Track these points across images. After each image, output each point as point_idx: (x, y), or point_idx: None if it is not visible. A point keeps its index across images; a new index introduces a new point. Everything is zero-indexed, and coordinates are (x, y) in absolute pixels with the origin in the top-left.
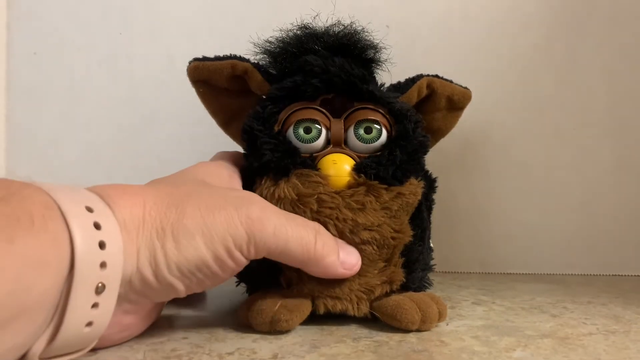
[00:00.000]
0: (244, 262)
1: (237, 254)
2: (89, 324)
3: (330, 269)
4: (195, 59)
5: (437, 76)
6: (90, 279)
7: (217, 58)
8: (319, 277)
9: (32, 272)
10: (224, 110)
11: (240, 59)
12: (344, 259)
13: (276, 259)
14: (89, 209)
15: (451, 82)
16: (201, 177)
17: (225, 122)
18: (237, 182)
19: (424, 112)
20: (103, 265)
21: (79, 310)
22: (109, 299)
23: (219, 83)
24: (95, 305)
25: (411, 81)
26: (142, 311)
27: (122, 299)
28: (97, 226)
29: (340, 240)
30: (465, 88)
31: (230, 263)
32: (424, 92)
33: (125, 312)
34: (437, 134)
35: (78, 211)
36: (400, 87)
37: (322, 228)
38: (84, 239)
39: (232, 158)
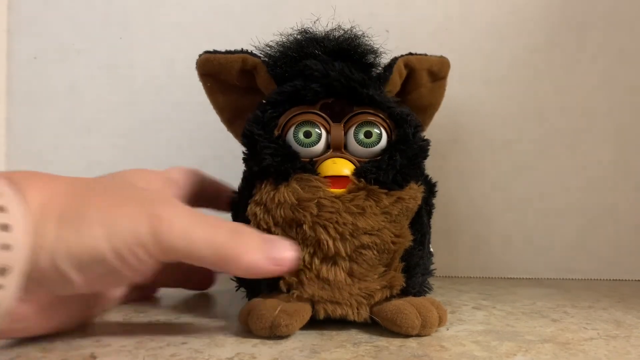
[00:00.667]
0: (149, 262)
1: (140, 253)
2: None
3: (252, 269)
4: (207, 52)
5: (410, 53)
6: None
7: (228, 52)
8: (319, 282)
9: None
10: (230, 107)
11: (251, 54)
12: (272, 254)
13: (188, 261)
14: None
15: (425, 55)
16: (129, 179)
17: (230, 119)
18: (168, 192)
19: (409, 91)
20: (7, 247)
21: None
22: (12, 281)
23: (227, 78)
24: None
25: (389, 67)
26: (38, 302)
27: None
28: (2, 209)
29: (275, 237)
30: (441, 57)
31: (132, 261)
32: (404, 72)
33: (20, 300)
34: (429, 109)
35: None
36: (382, 77)
37: (245, 227)
38: None
39: (184, 172)
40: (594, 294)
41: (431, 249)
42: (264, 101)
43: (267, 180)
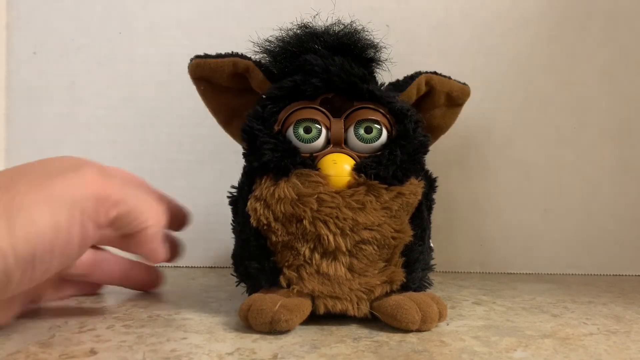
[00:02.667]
0: (93, 230)
1: (86, 220)
2: None
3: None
4: (197, 56)
5: (435, 73)
6: None
7: (219, 55)
8: (319, 278)
9: None
10: (225, 108)
11: (242, 56)
12: None
13: (122, 228)
14: None
15: (449, 78)
16: (45, 160)
17: (226, 120)
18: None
19: (423, 109)
20: None
21: None
22: None
23: (220, 81)
24: None
25: (410, 79)
26: None
27: None
28: None
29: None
30: (464, 84)
31: (77, 230)
32: (423, 89)
33: None
34: (437, 131)
35: None
36: (399, 85)
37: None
38: None
39: (124, 173)
40: (594, 289)
41: (431, 244)
42: (263, 96)
43: (267, 175)
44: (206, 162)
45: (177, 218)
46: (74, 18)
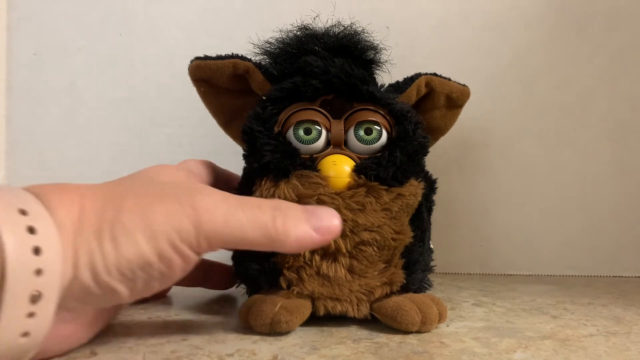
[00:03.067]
0: (194, 257)
1: (185, 249)
2: (25, 334)
3: (303, 243)
4: (197, 58)
5: (435, 74)
6: (24, 288)
7: (219, 57)
8: (319, 279)
9: None
10: (225, 110)
11: (242, 58)
12: (318, 224)
13: (237, 247)
14: (23, 212)
15: (449, 79)
16: (154, 176)
17: (226, 122)
18: (194, 181)
19: (423, 110)
20: (39, 272)
21: (13, 320)
22: (46, 307)
23: (220, 82)
24: (31, 315)
25: (410, 80)
26: (83, 319)
27: (60, 307)
28: (31, 230)
29: (310, 207)
30: (464, 85)
31: (177, 260)
32: (423, 90)
33: (63, 321)
34: (437, 132)
35: (9, 215)
36: (399, 87)
37: (282, 202)
38: (16, 245)
39: (200, 163)
40: (594, 290)
41: (431, 246)
42: (263, 97)
43: (267, 176)
44: None
45: None
46: (74, 19)
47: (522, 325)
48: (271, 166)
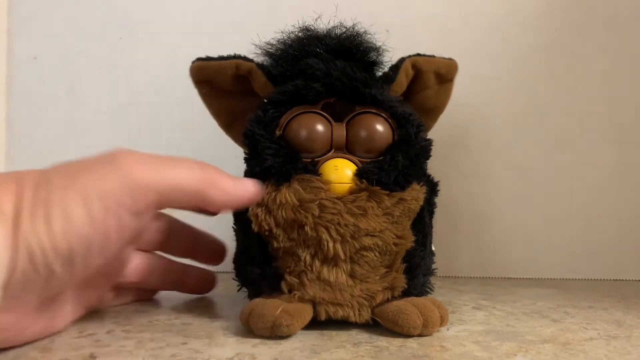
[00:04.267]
0: (131, 221)
1: (120, 210)
2: None
3: (233, 192)
4: (199, 59)
5: (418, 55)
6: None
7: (221, 58)
8: (320, 284)
9: None
10: (227, 112)
11: (245, 58)
12: (240, 183)
13: (172, 204)
14: None
15: (433, 56)
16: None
17: (228, 124)
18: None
19: (415, 92)
20: None
21: None
22: None
23: (222, 84)
24: None
25: (395, 67)
26: (25, 309)
27: (2, 297)
28: None
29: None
30: (450, 59)
31: (113, 225)
32: (410, 73)
33: (4, 309)
34: (434, 111)
35: None
36: (389, 77)
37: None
38: None
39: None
40: (595, 294)
41: (433, 249)
42: (265, 100)
43: (269, 181)
44: None
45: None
46: (75, 23)
47: (523, 328)
48: (273, 170)
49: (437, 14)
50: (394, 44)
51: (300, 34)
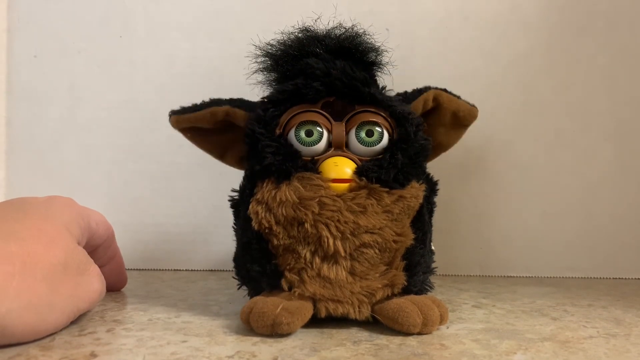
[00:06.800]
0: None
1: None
2: None
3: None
4: (173, 112)
5: (445, 90)
6: None
7: (195, 108)
8: (320, 281)
9: None
10: (216, 147)
11: (218, 102)
12: None
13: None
14: None
15: (459, 97)
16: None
17: (220, 155)
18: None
19: (428, 125)
20: None
21: None
22: None
23: (204, 126)
24: None
25: (418, 92)
26: None
27: None
28: None
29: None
30: (472, 105)
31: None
32: (430, 104)
33: None
34: (439, 148)
35: None
36: (407, 97)
37: None
38: None
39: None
40: (594, 292)
41: (432, 248)
42: (265, 99)
43: (269, 178)
44: (206, 165)
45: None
46: (75, 21)
47: (522, 327)
48: (273, 168)
49: (437, 11)
50: (394, 42)
51: (300, 35)
